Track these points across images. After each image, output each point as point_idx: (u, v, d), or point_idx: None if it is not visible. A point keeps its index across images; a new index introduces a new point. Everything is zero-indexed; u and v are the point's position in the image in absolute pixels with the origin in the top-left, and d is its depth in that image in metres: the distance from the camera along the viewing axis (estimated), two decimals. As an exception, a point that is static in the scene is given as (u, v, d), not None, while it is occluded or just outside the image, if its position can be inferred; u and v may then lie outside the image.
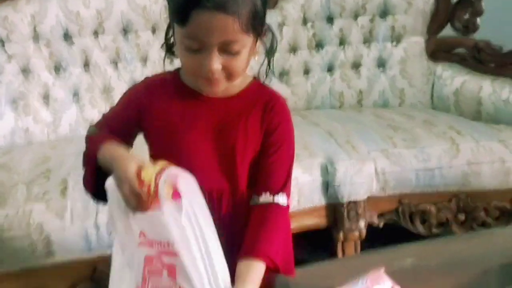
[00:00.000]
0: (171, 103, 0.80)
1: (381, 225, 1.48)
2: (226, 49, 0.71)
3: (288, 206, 0.81)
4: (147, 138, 0.84)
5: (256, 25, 0.73)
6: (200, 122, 0.79)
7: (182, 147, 0.79)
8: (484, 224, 1.50)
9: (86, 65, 1.74)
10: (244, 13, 0.70)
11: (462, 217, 1.49)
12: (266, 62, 0.81)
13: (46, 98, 1.69)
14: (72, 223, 1.19)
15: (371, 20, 1.94)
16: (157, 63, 1.81)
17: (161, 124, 0.80)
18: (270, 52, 0.81)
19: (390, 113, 1.78)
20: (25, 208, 1.19)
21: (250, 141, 0.80)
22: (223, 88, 0.77)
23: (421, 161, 1.46)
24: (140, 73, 1.78)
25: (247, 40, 0.73)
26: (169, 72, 0.84)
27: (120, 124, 0.83)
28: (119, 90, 1.76)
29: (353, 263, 0.87)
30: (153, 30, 1.81)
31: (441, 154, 1.47)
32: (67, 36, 1.71)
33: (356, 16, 1.93)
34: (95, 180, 0.77)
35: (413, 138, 1.52)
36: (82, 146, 1.79)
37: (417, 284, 0.80)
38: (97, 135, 0.81)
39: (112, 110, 0.87)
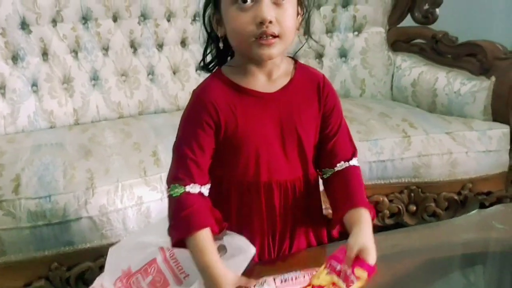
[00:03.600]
0: (234, 109, 0.80)
1: (334, 216, 1.52)
2: (276, 1, 0.75)
3: (359, 167, 0.87)
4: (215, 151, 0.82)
5: None
6: (264, 119, 0.81)
7: (251, 149, 0.81)
8: (434, 215, 1.55)
9: (45, 54, 1.71)
10: None
11: (413, 207, 1.54)
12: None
13: (2, 89, 1.65)
14: (21, 222, 1.18)
15: (333, 10, 1.95)
16: (119, 52, 1.79)
17: (231, 132, 0.81)
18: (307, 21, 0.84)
19: (350, 104, 1.79)
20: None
21: (311, 125, 0.84)
22: (277, 52, 0.77)
23: (374, 154, 1.49)
24: (102, 62, 1.76)
25: None
26: (214, 77, 0.83)
27: (204, 158, 0.80)
28: (80, 80, 1.74)
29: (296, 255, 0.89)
30: (114, 19, 1.78)
31: (393, 147, 1.50)
32: (24, 25, 1.67)
33: (319, 6, 1.94)
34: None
35: (367, 130, 1.54)
36: (40, 139, 1.74)
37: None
38: (186, 208, 0.77)
39: (184, 145, 0.80)
